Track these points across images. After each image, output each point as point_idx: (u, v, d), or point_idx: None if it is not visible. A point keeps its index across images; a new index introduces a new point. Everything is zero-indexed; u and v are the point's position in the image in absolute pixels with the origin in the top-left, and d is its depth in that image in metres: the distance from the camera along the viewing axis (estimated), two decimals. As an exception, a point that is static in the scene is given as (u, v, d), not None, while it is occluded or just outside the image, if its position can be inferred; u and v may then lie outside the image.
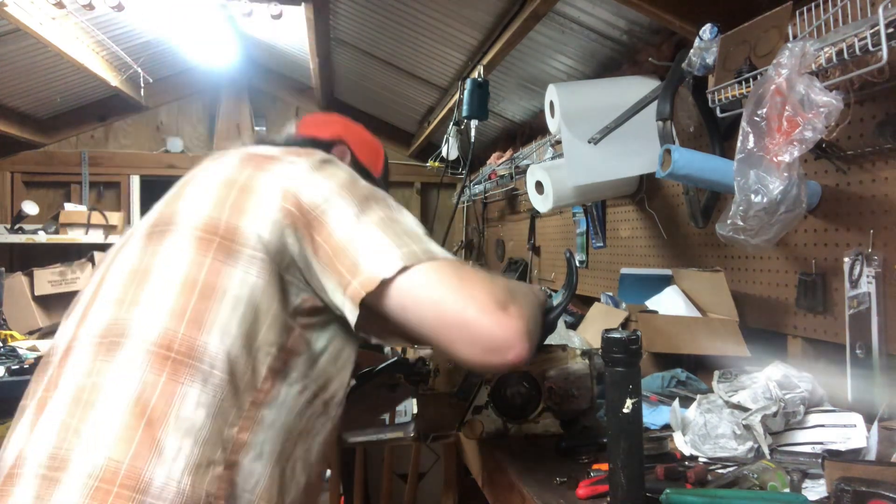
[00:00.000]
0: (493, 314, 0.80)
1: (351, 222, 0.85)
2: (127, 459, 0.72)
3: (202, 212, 0.86)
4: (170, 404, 0.75)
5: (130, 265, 0.86)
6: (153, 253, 0.85)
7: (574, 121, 1.97)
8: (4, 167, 4.44)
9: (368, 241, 0.83)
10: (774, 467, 0.99)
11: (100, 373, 0.78)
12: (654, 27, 2.04)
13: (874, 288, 1.23)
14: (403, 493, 2.70)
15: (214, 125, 4.76)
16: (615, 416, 0.86)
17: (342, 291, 0.83)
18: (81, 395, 0.77)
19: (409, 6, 2.66)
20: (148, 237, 0.88)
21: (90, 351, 0.80)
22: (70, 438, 0.74)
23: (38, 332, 3.36)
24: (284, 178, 0.88)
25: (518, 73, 2.84)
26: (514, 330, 0.80)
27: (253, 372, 0.81)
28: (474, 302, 0.80)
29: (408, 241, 0.85)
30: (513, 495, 1.08)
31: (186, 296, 0.80)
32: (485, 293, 0.82)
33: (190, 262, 0.82)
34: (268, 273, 0.83)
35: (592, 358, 1.28)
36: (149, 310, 0.80)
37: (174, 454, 0.73)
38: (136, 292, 0.82)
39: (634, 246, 2.32)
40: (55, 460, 0.73)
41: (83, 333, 0.83)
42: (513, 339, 0.80)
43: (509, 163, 3.22)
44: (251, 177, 0.88)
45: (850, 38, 1.04)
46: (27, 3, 2.64)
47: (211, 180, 0.90)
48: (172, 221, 0.87)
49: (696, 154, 1.39)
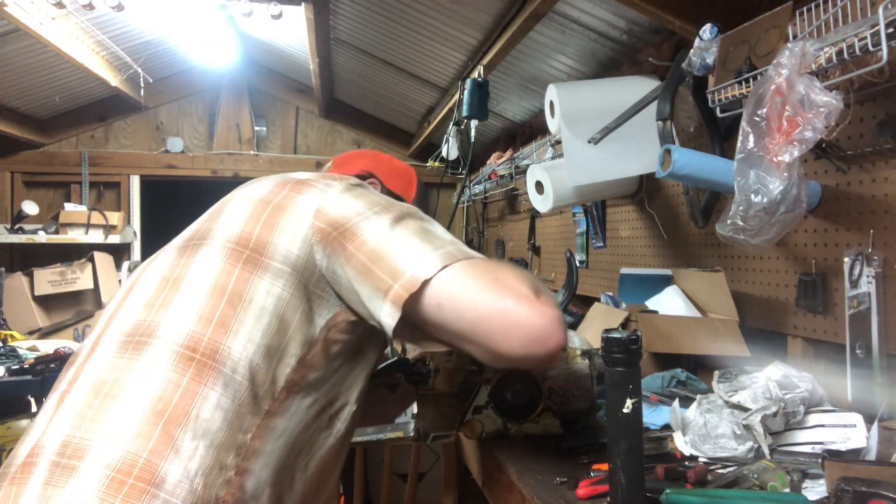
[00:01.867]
0: (531, 303, 0.80)
1: (385, 231, 0.87)
2: (144, 454, 0.73)
3: (236, 227, 0.89)
4: (190, 405, 0.77)
5: (162, 274, 0.89)
6: (186, 264, 0.88)
7: (574, 121, 1.97)
8: (4, 167, 4.44)
9: (405, 246, 0.85)
10: (774, 467, 0.99)
11: (124, 369, 0.79)
12: (654, 27, 2.04)
13: (874, 288, 1.23)
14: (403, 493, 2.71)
15: (214, 125, 4.76)
16: (615, 416, 0.86)
17: (381, 296, 0.83)
18: (102, 387, 0.79)
19: (409, 6, 2.66)
20: (182, 250, 0.91)
21: (115, 348, 0.82)
22: (86, 427, 0.75)
23: (38, 332, 3.36)
24: (318, 199, 0.90)
25: (518, 73, 2.85)
26: (552, 318, 0.81)
27: (272, 381, 0.82)
28: (511, 293, 0.81)
29: (441, 244, 0.86)
30: (513, 495, 1.08)
31: (215, 301, 0.82)
32: (520, 284, 0.82)
33: (220, 271, 0.85)
34: (293, 287, 0.85)
35: (592, 358, 1.28)
36: (178, 313, 0.82)
37: (190, 454, 0.75)
38: (168, 297, 0.84)
39: (634, 246, 2.32)
40: (70, 448, 0.74)
41: (110, 332, 0.85)
42: (552, 328, 0.81)
43: (509, 163, 3.22)
44: (286, 197, 0.91)
45: (850, 38, 1.04)
46: (27, 3, 2.64)
47: (247, 200, 0.93)
48: (207, 237, 0.90)
49: (696, 154, 1.39)
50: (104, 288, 3.68)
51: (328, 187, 0.93)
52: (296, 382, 0.85)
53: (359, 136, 4.93)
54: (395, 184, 1.26)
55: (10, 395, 2.52)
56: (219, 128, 4.76)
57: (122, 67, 3.86)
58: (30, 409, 2.70)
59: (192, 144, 4.80)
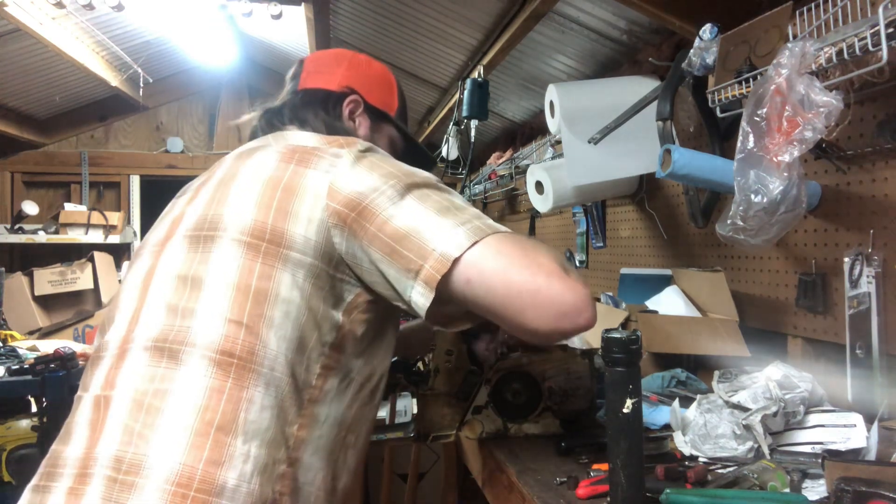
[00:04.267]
0: (562, 280, 0.80)
1: (406, 207, 0.85)
2: (200, 465, 0.75)
3: (248, 216, 0.86)
4: (237, 409, 0.78)
5: (178, 270, 0.87)
6: (203, 260, 0.86)
7: (574, 121, 1.97)
8: (4, 167, 4.44)
9: (430, 223, 0.83)
10: (774, 467, 0.99)
11: (163, 379, 0.80)
12: (654, 27, 2.04)
13: (874, 288, 1.23)
14: (403, 493, 2.70)
15: (214, 125, 4.77)
16: (615, 416, 0.86)
17: (413, 277, 0.82)
18: (143, 398, 0.79)
19: (409, 6, 2.66)
20: (193, 241, 0.88)
21: (147, 356, 0.82)
22: (137, 442, 0.76)
23: (38, 332, 3.36)
24: (329, 174, 0.88)
25: (518, 73, 2.84)
26: (583, 294, 0.81)
27: (307, 370, 0.84)
28: (542, 269, 0.81)
29: (467, 217, 0.85)
30: (513, 495, 1.08)
31: (241, 302, 0.82)
32: (550, 260, 0.82)
33: (240, 269, 0.83)
34: (315, 275, 0.84)
35: (592, 358, 1.28)
36: (206, 317, 0.82)
37: (244, 457, 0.77)
38: (191, 300, 0.83)
39: (634, 246, 2.32)
40: (125, 464, 0.75)
41: (138, 336, 0.84)
42: (582, 304, 0.80)
43: (509, 163, 3.22)
44: (295, 174, 0.88)
45: (850, 38, 1.04)
46: (27, 3, 2.64)
47: (254, 180, 0.89)
48: (219, 226, 0.87)
49: (696, 154, 1.39)
50: (104, 288, 3.67)
51: (337, 158, 0.90)
52: (331, 367, 0.86)
53: (359, 136, 4.92)
54: (377, 97, 1.16)
55: (10, 395, 2.52)
56: (219, 128, 4.76)
57: (122, 67, 3.86)
58: (29, 409, 2.70)
59: (192, 144, 4.80)
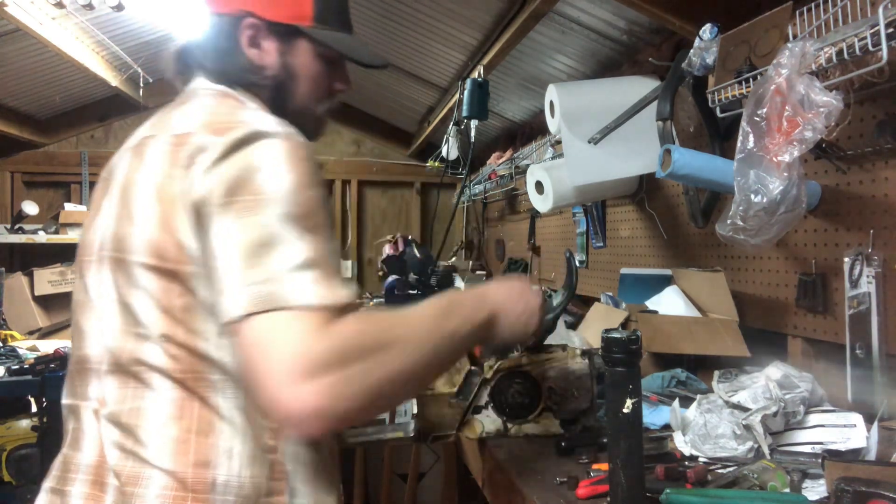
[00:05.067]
0: (292, 386, 0.71)
1: (224, 234, 0.78)
2: (190, 470, 0.79)
3: (151, 235, 0.83)
4: (210, 413, 0.82)
5: (112, 295, 0.86)
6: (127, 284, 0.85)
7: (574, 121, 1.97)
8: (4, 167, 4.44)
9: (227, 267, 0.77)
10: (774, 467, 0.99)
11: (135, 398, 0.84)
12: (654, 27, 2.04)
13: (874, 288, 1.23)
14: (403, 493, 2.71)
15: (214, 125, 4.76)
16: (615, 416, 0.86)
17: None
18: (121, 419, 0.83)
19: (408, 6, 2.66)
20: (114, 263, 0.87)
21: (116, 379, 0.85)
22: (129, 457, 0.82)
23: (37, 332, 3.36)
24: (190, 177, 0.80)
25: (518, 73, 2.84)
26: (312, 407, 0.71)
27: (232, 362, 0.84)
28: (281, 368, 0.71)
29: (265, 274, 0.75)
30: (513, 495, 1.08)
31: (170, 323, 0.82)
32: (301, 357, 0.72)
33: (160, 291, 0.83)
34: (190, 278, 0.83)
35: (592, 358, 1.28)
36: (152, 341, 0.83)
37: (228, 454, 0.81)
38: (134, 325, 0.84)
39: (634, 246, 2.32)
40: (123, 476, 0.81)
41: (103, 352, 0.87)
42: (305, 417, 0.72)
43: (509, 163, 3.22)
44: (169, 179, 0.82)
45: (850, 38, 1.04)
46: (27, 3, 2.64)
47: (146, 190, 0.85)
48: (128, 249, 0.84)
49: (696, 154, 1.39)
50: (104, 288, 3.66)
51: (204, 153, 0.81)
52: None
53: (358, 136, 4.92)
54: (280, 9, 0.99)
55: (10, 395, 2.52)
56: (219, 128, 4.75)
57: (122, 67, 3.86)
58: (29, 409, 2.70)
59: (192, 144, 4.80)
